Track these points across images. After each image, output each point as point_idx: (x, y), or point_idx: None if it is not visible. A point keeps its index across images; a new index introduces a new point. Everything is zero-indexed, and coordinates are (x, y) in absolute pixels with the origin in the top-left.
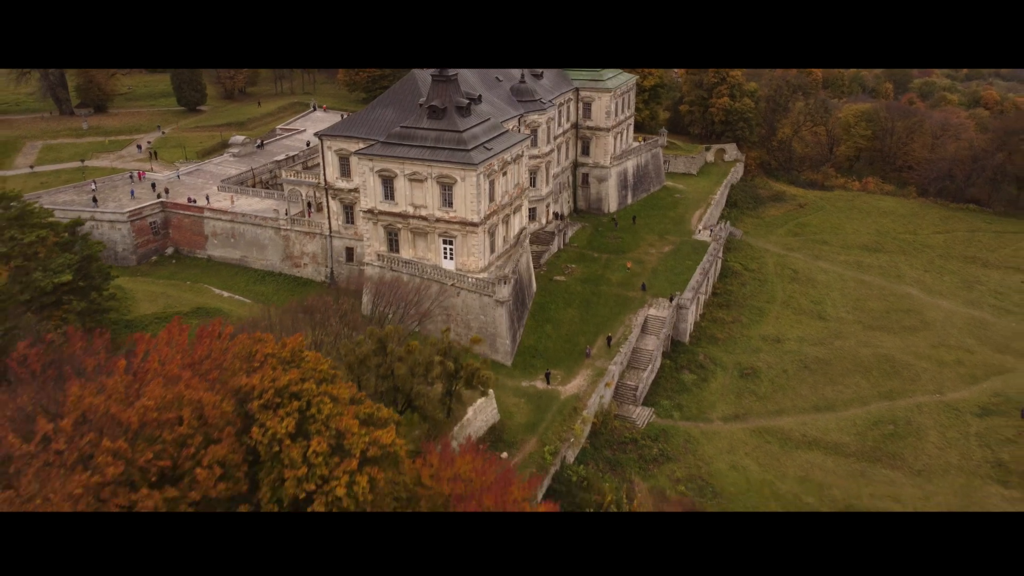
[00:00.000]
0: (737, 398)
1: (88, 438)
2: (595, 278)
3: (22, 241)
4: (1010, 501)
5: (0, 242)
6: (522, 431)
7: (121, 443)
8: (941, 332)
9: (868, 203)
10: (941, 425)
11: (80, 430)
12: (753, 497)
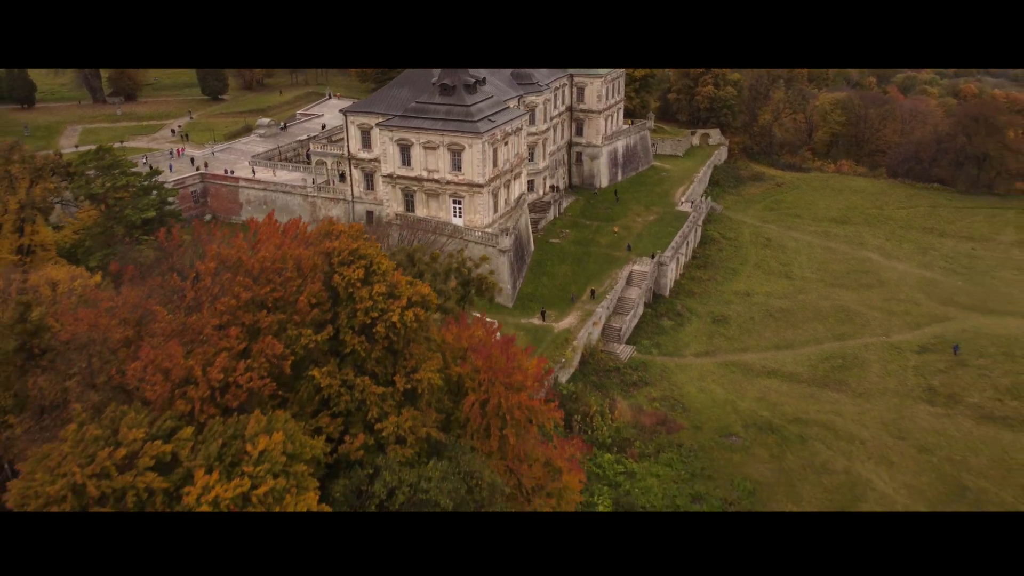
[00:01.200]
0: (708, 339)
1: (226, 276)
2: (586, 241)
3: (115, 184)
4: (935, 416)
5: (98, 185)
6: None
7: (248, 280)
8: (894, 289)
9: (841, 183)
10: (883, 360)
11: (220, 273)
12: (717, 411)
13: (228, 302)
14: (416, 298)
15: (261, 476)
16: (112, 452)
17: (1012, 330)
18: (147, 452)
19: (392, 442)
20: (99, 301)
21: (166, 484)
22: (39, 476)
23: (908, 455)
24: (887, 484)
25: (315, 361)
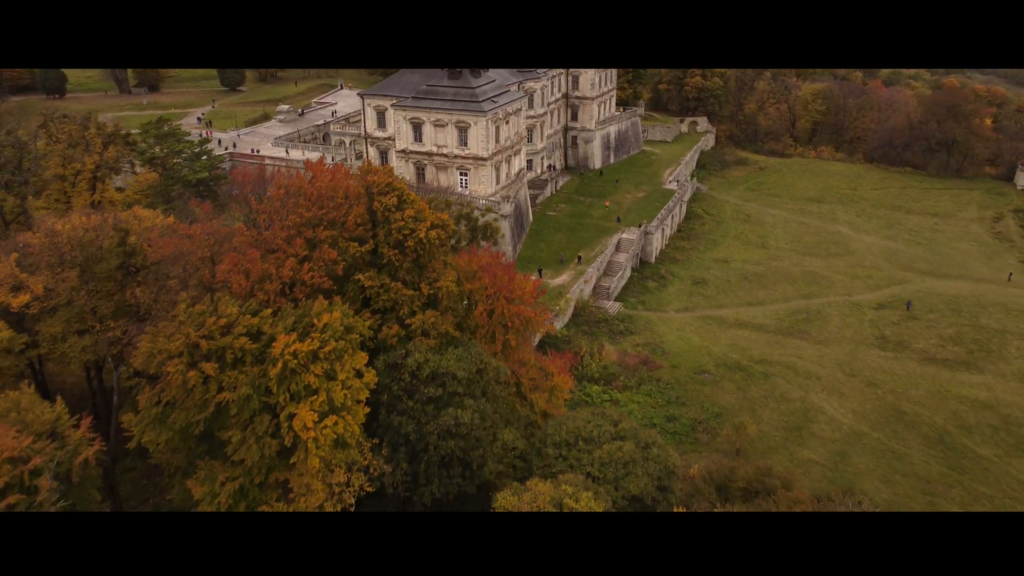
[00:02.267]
0: (688, 297)
1: (291, 201)
2: (580, 214)
3: (173, 150)
4: (884, 358)
5: (158, 150)
6: None
7: (308, 203)
8: (859, 257)
9: (819, 167)
10: (843, 314)
11: (286, 199)
12: (692, 354)
13: (293, 220)
14: (437, 222)
15: (326, 339)
16: (215, 320)
17: (961, 291)
18: (240, 323)
19: (418, 334)
20: (178, 231)
21: (255, 346)
22: (160, 340)
23: (857, 388)
24: (836, 410)
25: (359, 268)
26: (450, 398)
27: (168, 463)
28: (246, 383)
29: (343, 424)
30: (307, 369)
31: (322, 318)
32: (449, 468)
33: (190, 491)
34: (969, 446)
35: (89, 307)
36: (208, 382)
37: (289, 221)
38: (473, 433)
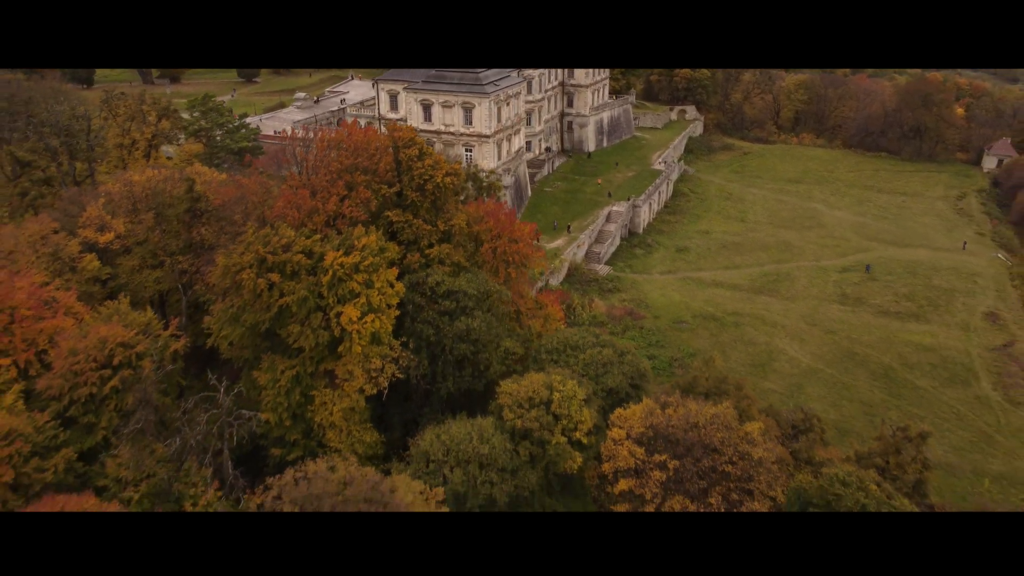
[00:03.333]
0: (671, 262)
1: (332, 152)
2: (574, 191)
3: (216, 122)
4: (843, 312)
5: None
6: None
7: (347, 153)
8: (830, 229)
9: (801, 152)
10: (810, 276)
11: (328, 150)
12: (672, 308)
13: (335, 166)
14: (451, 171)
15: (365, 256)
16: (278, 240)
17: (919, 257)
18: (297, 244)
19: (436, 262)
20: (235, 181)
21: (309, 262)
22: (235, 256)
23: (816, 335)
24: (797, 351)
25: (388, 207)
26: (462, 310)
27: (238, 358)
28: (303, 288)
29: (379, 322)
30: (351, 278)
31: (361, 240)
32: (461, 368)
33: (256, 380)
34: (910, 379)
35: (161, 245)
36: (272, 288)
37: (332, 167)
38: (481, 339)
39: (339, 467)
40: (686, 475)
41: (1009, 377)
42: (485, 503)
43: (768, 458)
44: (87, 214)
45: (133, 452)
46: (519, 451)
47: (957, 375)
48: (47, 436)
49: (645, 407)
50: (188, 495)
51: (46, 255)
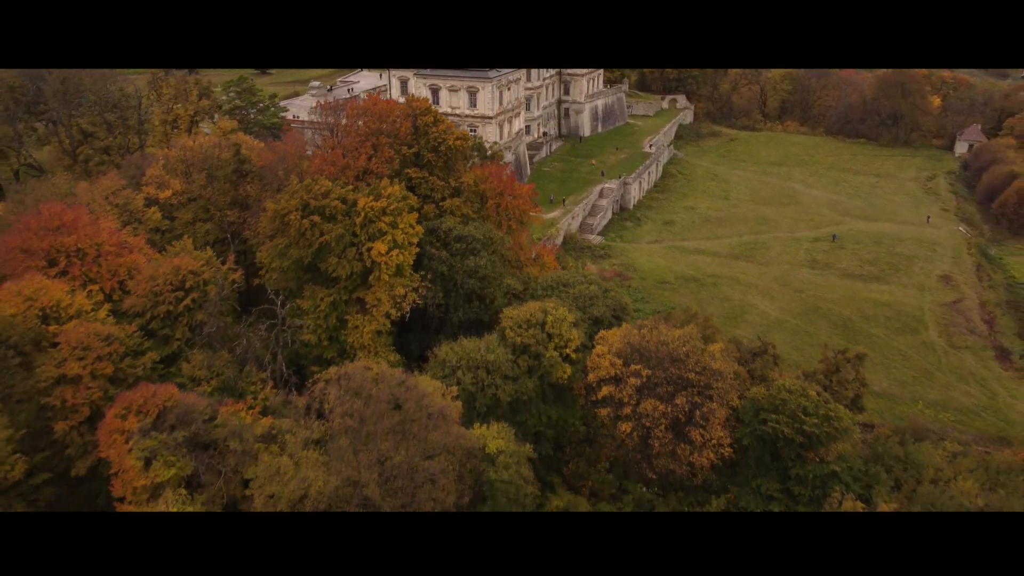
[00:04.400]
0: (658, 233)
1: (360, 119)
2: (570, 170)
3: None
4: (812, 274)
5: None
6: None
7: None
8: (806, 206)
9: (784, 139)
10: (784, 245)
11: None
12: (657, 271)
13: (363, 130)
14: (461, 135)
15: (390, 202)
16: (318, 188)
17: (886, 229)
18: (333, 193)
19: (448, 212)
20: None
21: (344, 207)
22: (283, 201)
23: (786, 293)
24: (767, 307)
25: (407, 166)
26: (471, 252)
27: (284, 287)
28: (340, 227)
29: (402, 256)
30: (379, 219)
31: (387, 189)
32: (470, 301)
33: (299, 306)
34: (866, 328)
35: (212, 201)
36: (314, 228)
37: (360, 131)
38: (486, 275)
39: (372, 367)
40: (657, 382)
41: (954, 327)
42: (491, 402)
43: (726, 370)
44: (149, 173)
45: (204, 357)
46: (519, 363)
47: (908, 325)
48: (135, 342)
49: (624, 329)
50: (249, 391)
51: (117, 206)
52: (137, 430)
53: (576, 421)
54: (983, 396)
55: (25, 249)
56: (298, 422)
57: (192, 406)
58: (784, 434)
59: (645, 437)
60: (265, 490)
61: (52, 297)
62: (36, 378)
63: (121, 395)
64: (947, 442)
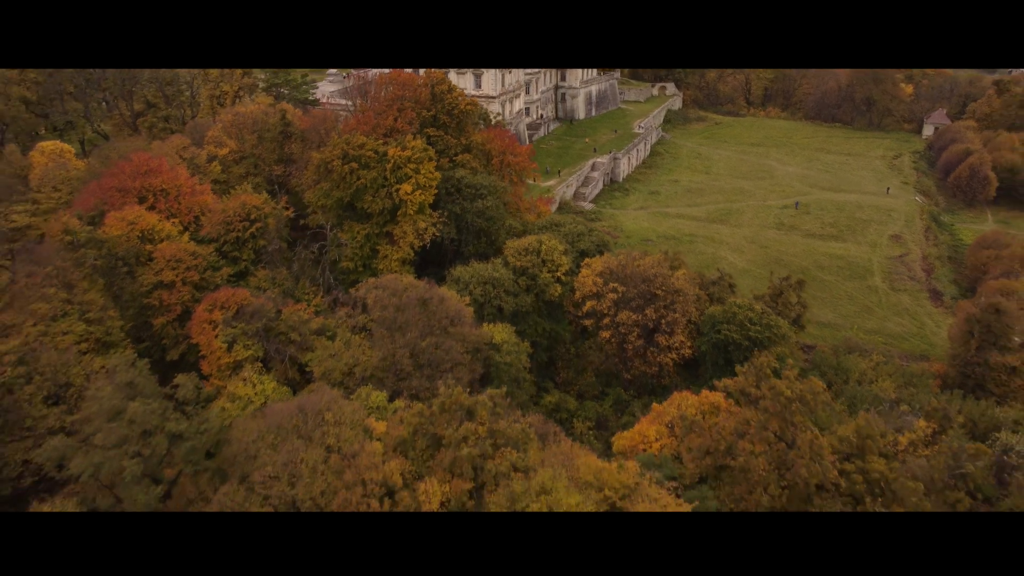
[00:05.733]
0: (644, 201)
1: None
2: (566, 147)
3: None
4: (778, 234)
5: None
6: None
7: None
8: (779, 179)
9: (766, 123)
10: (755, 211)
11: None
12: (641, 232)
13: (389, 96)
14: (471, 101)
15: (414, 152)
16: (355, 141)
17: (849, 199)
18: (367, 145)
19: (460, 166)
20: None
21: (376, 157)
22: (327, 152)
23: (753, 249)
24: (735, 259)
25: (427, 126)
26: (479, 196)
27: (327, 222)
28: (374, 172)
29: (424, 196)
30: (406, 165)
31: (411, 142)
32: (478, 237)
33: (339, 237)
34: (820, 276)
35: (261, 157)
36: (352, 173)
37: (388, 96)
38: (492, 216)
39: (403, 278)
40: (630, 297)
41: (896, 275)
42: (496, 311)
43: (687, 289)
44: (209, 135)
45: (267, 272)
46: (519, 282)
47: (857, 273)
48: (213, 259)
49: (605, 257)
50: (304, 298)
51: (186, 160)
52: (222, 321)
53: (565, 333)
54: (913, 326)
55: (120, 188)
56: (346, 317)
57: (262, 305)
58: (734, 339)
59: (621, 343)
60: (322, 366)
61: (148, 223)
62: (139, 284)
63: (208, 295)
64: (874, 355)
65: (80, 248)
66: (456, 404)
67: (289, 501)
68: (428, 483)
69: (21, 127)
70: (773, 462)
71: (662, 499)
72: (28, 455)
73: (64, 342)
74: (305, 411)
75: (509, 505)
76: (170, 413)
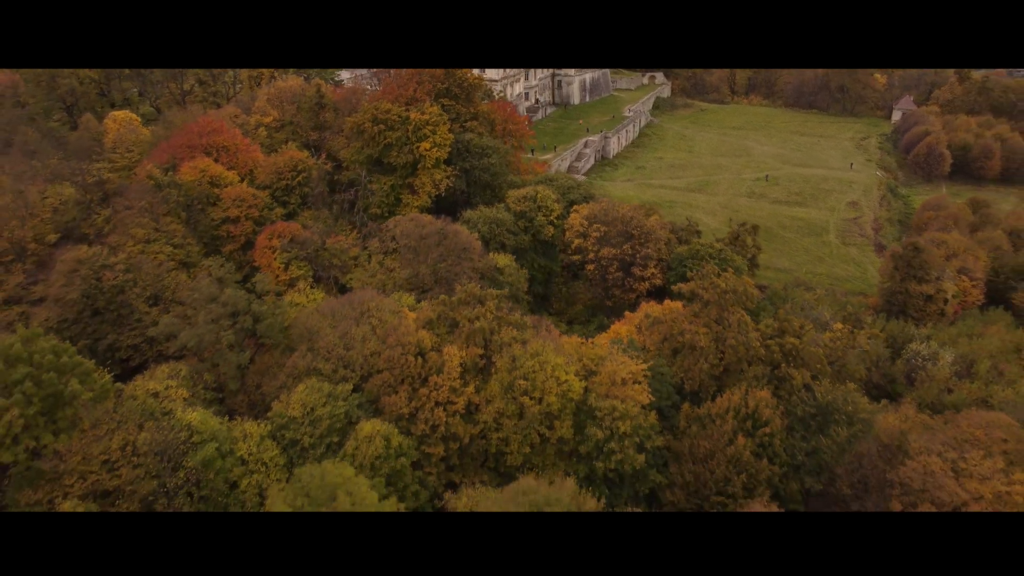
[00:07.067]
0: (631, 174)
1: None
2: (561, 128)
3: None
4: (748, 202)
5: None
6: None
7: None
8: (755, 157)
9: (748, 110)
10: (730, 183)
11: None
12: (627, 199)
13: (410, 71)
14: (477, 77)
15: (432, 115)
16: (383, 107)
17: (816, 173)
18: (393, 111)
19: (468, 131)
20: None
21: (400, 119)
22: (359, 116)
23: (725, 213)
24: (709, 220)
25: (440, 97)
26: (485, 155)
27: (358, 174)
28: (398, 132)
29: (439, 152)
30: (425, 126)
31: (429, 108)
32: (484, 190)
33: (370, 187)
34: (781, 233)
35: (299, 124)
36: (380, 133)
37: (409, 71)
38: (496, 172)
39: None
40: (611, 235)
41: (848, 233)
42: (499, 246)
43: (658, 231)
44: (257, 104)
45: (311, 213)
46: (518, 224)
47: (814, 231)
48: (268, 202)
49: (590, 204)
50: (341, 229)
51: (238, 124)
52: (279, 247)
53: (557, 268)
54: (857, 271)
55: (189, 145)
56: (378, 244)
57: (310, 237)
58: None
59: (603, 274)
60: (360, 282)
61: (215, 171)
62: (210, 218)
63: (267, 228)
64: (818, 290)
65: (164, 189)
66: (471, 296)
67: (346, 360)
68: (450, 348)
69: (87, 104)
70: (712, 339)
71: (627, 364)
72: (134, 340)
73: (158, 258)
74: (353, 303)
75: (511, 364)
76: (253, 299)
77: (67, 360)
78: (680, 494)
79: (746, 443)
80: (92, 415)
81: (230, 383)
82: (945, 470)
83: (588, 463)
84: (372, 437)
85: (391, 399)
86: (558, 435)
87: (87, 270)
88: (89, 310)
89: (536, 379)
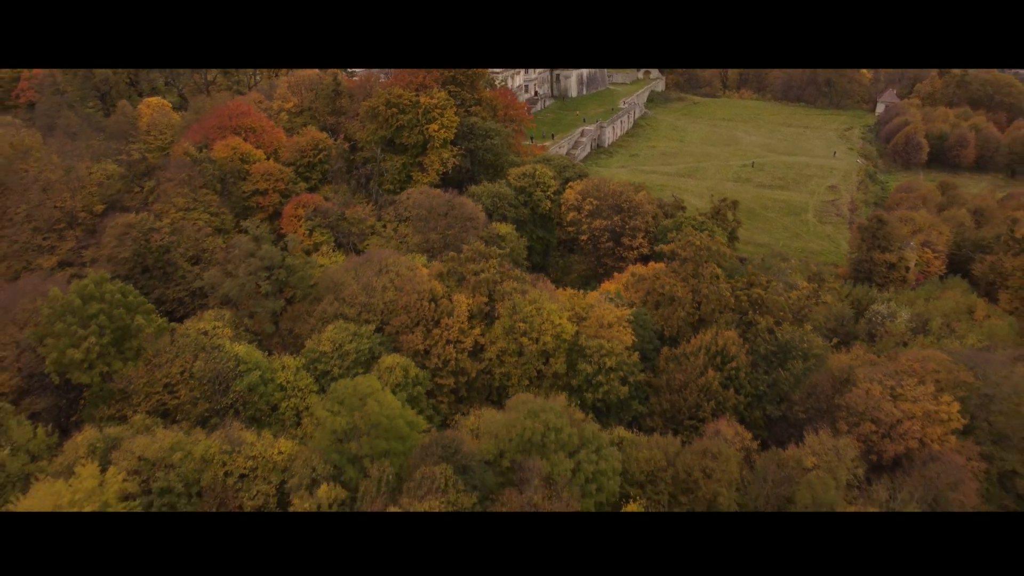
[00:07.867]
0: (625, 162)
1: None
2: (559, 119)
3: None
4: (734, 186)
5: None
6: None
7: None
8: (743, 147)
9: (739, 103)
10: (718, 169)
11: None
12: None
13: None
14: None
15: (440, 100)
16: (396, 92)
17: (800, 160)
18: (405, 96)
19: (473, 115)
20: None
21: (411, 103)
22: (374, 100)
23: (711, 196)
24: (697, 202)
25: (447, 84)
26: (488, 136)
27: (373, 152)
28: (410, 115)
29: (447, 133)
30: (433, 110)
31: (437, 93)
32: (487, 168)
33: (383, 165)
34: (763, 213)
35: (317, 110)
36: (393, 116)
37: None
38: (498, 152)
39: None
40: (602, 207)
41: (826, 213)
42: (501, 217)
43: (646, 206)
44: (279, 91)
45: (331, 187)
46: (519, 198)
47: (793, 211)
48: (292, 177)
49: (584, 180)
50: (358, 202)
51: (261, 109)
52: (304, 215)
53: (554, 240)
54: (831, 245)
55: (219, 127)
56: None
57: (331, 207)
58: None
59: (595, 244)
60: (377, 247)
61: (245, 149)
62: (241, 190)
63: (292, 199)
64: (793, 260)
65: (200, 164)
66: (477, 252)
67: (369, 306)
68: (459, 296)
69: (119, 92)
70: (689, 290)
71: (613, 310)
72: (179, 294)
73: (197, 224)
74: (373, 261)
75: (512, 310)
76: (286, 255)
77: (132, 299)
78: (659, 420)
79: (715, 375)
80: (154, 346)
81: (267, 327)
82: (884, 395)
83: (579, 394)
84: (393, 368)
85: (408, 337)
86: (553, 370)
87: (137, 232)
88: (139, 267)
89: (534, 322)
